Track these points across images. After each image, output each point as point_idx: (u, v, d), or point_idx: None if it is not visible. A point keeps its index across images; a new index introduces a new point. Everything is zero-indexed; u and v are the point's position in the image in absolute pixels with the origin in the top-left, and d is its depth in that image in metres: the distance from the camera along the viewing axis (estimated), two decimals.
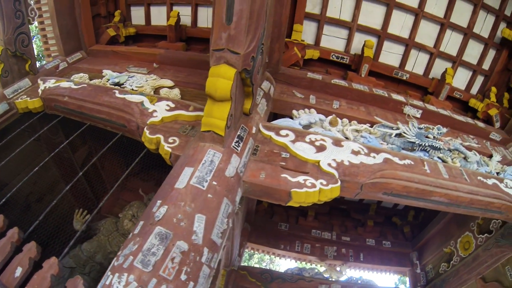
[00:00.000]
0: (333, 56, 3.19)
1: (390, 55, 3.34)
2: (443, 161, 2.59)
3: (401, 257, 4.25)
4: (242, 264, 4.20)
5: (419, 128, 2.53)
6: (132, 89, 3.00)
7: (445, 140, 2.71)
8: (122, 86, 3.09)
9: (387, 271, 4.38)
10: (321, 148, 2.19)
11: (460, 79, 3.66)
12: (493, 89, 3.66)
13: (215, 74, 1.74)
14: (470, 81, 3.67)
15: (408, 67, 3.42)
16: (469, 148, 2.94)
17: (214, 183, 1.77)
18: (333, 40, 3.26)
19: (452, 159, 2.62)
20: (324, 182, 2.00)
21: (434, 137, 2.53)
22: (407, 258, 4.23)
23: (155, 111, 2.54)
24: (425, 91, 3.50)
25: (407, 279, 4.30)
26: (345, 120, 2.62)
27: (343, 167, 2.09)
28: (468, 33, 3.45)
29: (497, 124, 3.60)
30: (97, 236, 2.73)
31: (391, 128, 2.56)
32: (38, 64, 3.14)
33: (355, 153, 2.20)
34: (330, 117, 2.54)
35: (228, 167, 1.91)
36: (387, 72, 3.30)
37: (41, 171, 2.86)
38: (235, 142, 2.10)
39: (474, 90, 3.77)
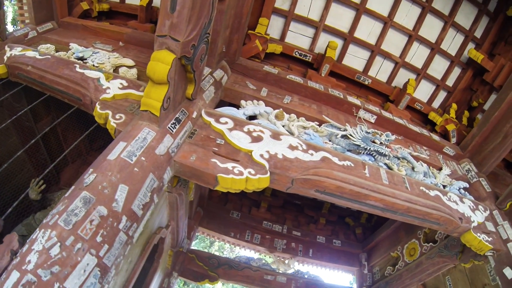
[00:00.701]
0: (296, 53, 3.15)
1: (355, 59, 3.30)
2: (389, 167, 2.58)
3: (350, 257, 4.27)
4: (200, 249, 4.17)
5: (367, 133, 2.51)
6: (93, 65, 2.96)
7: (394, 148, 2.70)
8: (85, 61, 3.04)
9: (335, 269, 4.40)
10: (257, 139, 2.16)
11: (423, 91, 3.65)
12: (454, 105, 3.66)
13: (156, 58, 1.78)
14: (432, 95, 3.66)
15: (372, 73, 3.39)
16: (419, 159, 2.94)
17: (143, 158, 1.78)
18: (299, 38, 3.21)
19: (398, 167, 2.60)
20: (253, 172, 1.98)
21: (381, 143, 2.50)
22: (356, 258, 4.26)
23: (108, 88, 2.51)
24: (386, 99, 3.47)
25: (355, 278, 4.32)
26: (293, 116, 2.58)
27: (276, 160, 2.06)
28: (435, 48, 3.44)
29: (454, 140, 3.61)
30: (50, 206, 2.70)
31: (339, 129, 2.53)
32: (13, 29, 3.06)
33: (292, 148, 2.17)
34: (276, 110, 2.50)
35: (159, 146, 1.90)
36: (349, 75, 3.27)
37: (1, 137, 2.82)
38: (172, 124, 2.08)
39: (436, 104, 3.77)
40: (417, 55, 3.42)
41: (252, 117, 2.47)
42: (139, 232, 1.71)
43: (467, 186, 3.25)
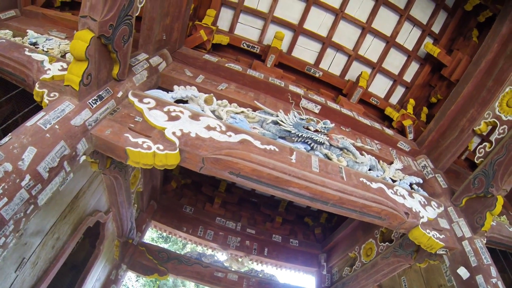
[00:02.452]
0: (244, 44, 3.22)
1: (306, 51, 3.34)
2: (328, 158, 2.54)
3: (309, 257, 4.18)
4: (171, 249, 4.13)
5: (301, 119, 2.50)
6: (43, 50, 3.11)
7: (336, 138, 2.67)
8: (36, 46, 3.19)
9: (294, 269, 4.28)
10: (174, 118, 2.20)
11: (379, 86, 3.63)
12: (411, 101, 3.63)
13: (77, 37, 1.91)
14: (390, 90, 3.65)
15: (324, 65, 3.42)
16: (367, 151, 2.90)
17: (56, 126, 1.90)
18: (248, 30, 3.28)
19: (338, 158, 2.56)
20: (161, 147, 2.02)
21: (316, 130, 2.47)
22: (315, 259, 4.16)
23: (49, 69, 2.64)
24: (340, 92, 3.47)
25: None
26: (225, 102, 2.62)
27: (187, 138, 2.09)
28: (390, 42, 3.45)
29: (411, 136, 3.56)
30: None
31: (271, 115, 2.53)
32: None
33: (210, 128, 2.20)
34: (205, 95, 2.54)
35: (75, 117, 2.03)
36: (299, 66, 3.30)
37: None
38: (93, 100, 2.17)
39: (394, 100, 3.74)
40: (372, 48, 3.44)
41: (179, 101, 2.50)
42: (46, 196, 1.82)
43: (421, 181, 3.19)
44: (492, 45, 3.15)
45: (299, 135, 2.40)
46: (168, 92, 2.57)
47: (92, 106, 2.14)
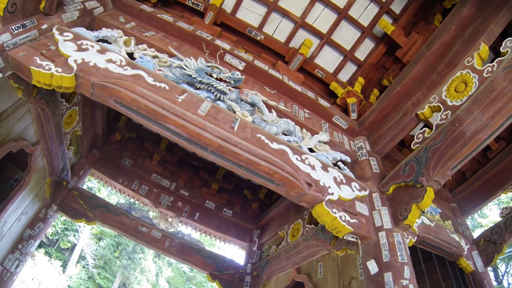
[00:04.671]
0: (189, 2, 3.70)
1: (251, 13, 3.77)
2: (233, 110, 2.90)
3: (242, 231, 4.58)
4: None
5: (207, 66, 2.92)
6: None
7: (246, 92, 3.05)
8: None
9: (225, 240, 4.67)
10: (83, 50, 2.77)
11: (328, 60, 3.97)
12: (360, 79, 3.91)
13: None
14: (339, 65, 3.93)
15: (268, 30, 3.82)
16: (288, 115, 3.22)
17: None
18: None
19: (243, 111, 2.91)
20: (60, 70, 2.59)
21: (220, 78, 2.88)
22: (248, 234, 4.50)
23: None
24: (282, 59, 3.82)
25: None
26: (145, 46, 3.13)
27: (85, 66, 2.64)
28: (342, 13, 3.74)
29: (354, 115, 3.83)
30: None
31: (181, 60, 2.99)
32: None
33: (110, 61, 2.74)
34: (125, 37, 3.06)
35: None
36: (240, 28, 3.73)
37: None
38: (16, 27, 2.78)
39: (345, 77, 4.00)
40: (322, 18, 3.78)
41: (102, 41, 3.05)
42: None
43: (348, 160, 3.40)
44: (450, 27, 3.32)
45: (199, 80, 2.82)
46: (92, 31, 3.13)
47: (14, 32, 2.74)
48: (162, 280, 21.26)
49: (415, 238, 3.43)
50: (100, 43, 2.95)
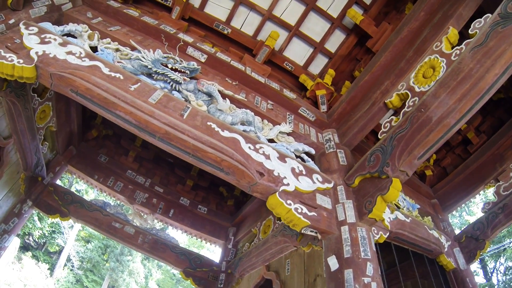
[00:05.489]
0: None
1: (218, 8, 3.99)
2: (189, 100, 3.11)
3: (218, 228, 4.74)
4: None
5: (163, 57, 3.14)
6: None
7: (203, 82, 3.25)
8: None
9: (200, 237, 4.82)
10: (45, 43, 3.05)
11: (298, 52, 4.14)
12: (330, 71, 4.07)
13: None
14: (309, 58, 4.10)
15: (236, 24, 4.04)
16: (247, 105, 3.39)
17: None
18: None
19: (198, 101, 3.10)
20: (21, 61, 2.86)
21: (175, 69, 3.09)
22: (224, 231, 4.64)
23: None
24: (250, 53, 4.01)
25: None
26: (108, 40, 3.37)
27: (45, 57, 2.90)
28: (309, 4, 3.92)
29: (324, 107, 3.98)
30: None
31: (140, 52, 3.22)
32: None
33: (70, 53, 3.01)
34: (90, 31, 3.32)
35: None
36: (208, 22, 3.97)
37: None
38: None
39: (316, 70, 4.16)
40: (290, 10, 3.97)
41: (67, 35, 3.31)
42: None
43: (312, 152, 3.51)
44: (419, 13, 3.41)
45: (155, 70, 3.03)
46: (59, 26, 3.39)
47: None
48: (152, 282, 22.16)
49: (387, 234, 3.49)
50: (64, 37, 3.20)
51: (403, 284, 4.05)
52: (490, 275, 11.25)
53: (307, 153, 3.55)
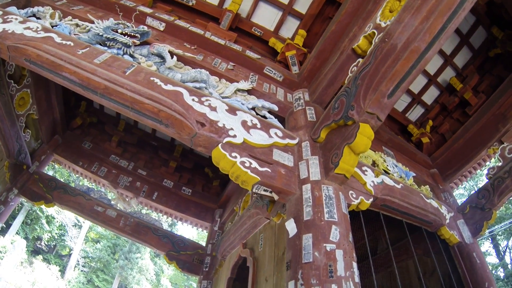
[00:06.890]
0: None
1: None
2: (139, 62, 3.36)
3: (203, 210, 4.89)
4: None
5: (114, 24, 3.42)
6: None
7: (155, 45, 3.50)
8: None
9: (186, 220, 4.95)
10: (7, 22, 3.49)
11: (267, 18, 4.29)
12: (301, 31, 4.13)
13: None
14: (279, 22, 4.21)
15: None
16: (208, 68, 3.55)
17: None
18: None
19: (147, 62, 3.34)
20: None
21: (125, 33, 3.35)
22: (211, 213, 4.77)
23: None
24: (217, 22, 4.20)
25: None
26: (69, 17, 3.73)
27: (4, 33, 3.36)
28: None
29: (295, 68, 4.07)
30: None
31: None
32: None
33: (27, 28, 3.41)
34: (52, 11, 3.69)
35: None
36: None
37: None
38: None
39: (289, 34, 4.24)
40: None
41: (30, 16, 3.70)
42: None
43: (275, 108, 3.55)
44: None
45: (106, 36, 3.31)
46: (23, 9, 3.80)
47: None
48: (164, 279, 23.22)
49: (370, 199, 3.39)
50: (25, 17, 3.58)
51: (395, 266, 3.86)
52: (503, 254, 10.48)
53: (273, 113, 3.59)
